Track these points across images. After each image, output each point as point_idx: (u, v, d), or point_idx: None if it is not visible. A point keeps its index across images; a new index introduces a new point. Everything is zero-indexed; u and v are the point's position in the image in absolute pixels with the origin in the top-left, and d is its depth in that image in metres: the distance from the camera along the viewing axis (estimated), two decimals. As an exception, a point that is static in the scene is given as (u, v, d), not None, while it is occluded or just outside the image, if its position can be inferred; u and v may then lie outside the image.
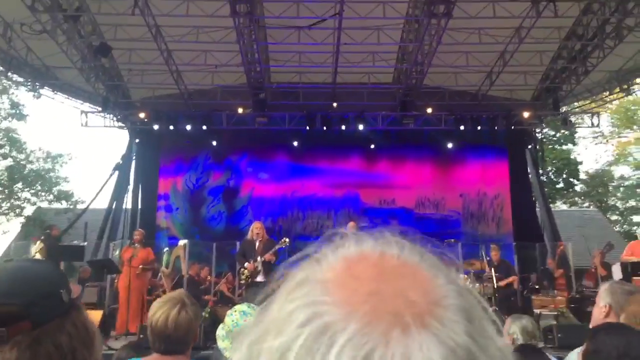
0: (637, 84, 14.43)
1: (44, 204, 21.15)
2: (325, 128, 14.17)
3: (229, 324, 2.60)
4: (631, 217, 28.08)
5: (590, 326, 2.66)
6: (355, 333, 0.37)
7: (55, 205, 21.07)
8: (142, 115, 14.05)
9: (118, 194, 15.16)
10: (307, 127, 14.19)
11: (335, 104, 13.93)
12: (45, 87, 13.51)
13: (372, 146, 15.12)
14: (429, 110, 14.08)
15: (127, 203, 15.30)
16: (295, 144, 14.98)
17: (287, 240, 8.44)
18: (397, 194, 15.62)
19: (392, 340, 0.36)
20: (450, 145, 15.03)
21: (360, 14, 11.00)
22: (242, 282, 8.38)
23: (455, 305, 0.40)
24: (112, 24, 11.48)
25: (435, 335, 0.37)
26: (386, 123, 14.64)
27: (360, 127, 14.22)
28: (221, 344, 2.56)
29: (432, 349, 0.36)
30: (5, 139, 19.85)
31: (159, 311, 2.12)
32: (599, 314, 2.65)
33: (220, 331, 2.59)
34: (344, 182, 15.56)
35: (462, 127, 14.23)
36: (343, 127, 14.27)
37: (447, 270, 0.45)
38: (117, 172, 15.11)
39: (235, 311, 2.67)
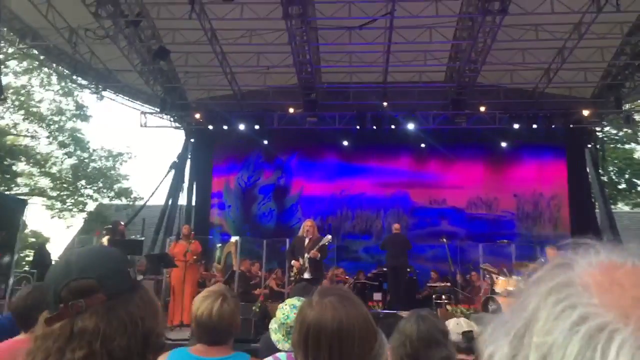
0: None
1: (105, 201, 22.19)
2: (375, 127, 14.15)
3: (280, 317, 2.69)
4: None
5: None
6: (632, 333, 0.41)
7: (116, 201, 22.08)
8: (197, 115, 14.51)
9: (174, 191, 15.72)
10: (358, 127, 14.22)
11: (385, 103, 13.87)
12: (107, 90, 14.21)
13: (423, 145, 14.96)
14: (482, 109, 13.78)
15: (182, 200, 15.86)
16: (345, 143, 15.05)
17: (330, 237, 8.48)
18: (447, 194, 15.40)
19: None
20: (504, 145, 14.67)
21: (412, 12, 10.92)
22: (292, 278, 8.50)
23: None
24: (170, 28, 11.91)
25: None
26: (437, 122, 14.46)
27: (411, 126, 14.11)
28: (274, 336, 2.65)
29: None
30: (71, 138, 20.95)
31: (203, 304, 2.25)
32: None
33: (273, 325, 2.69)
34: (394, 181, 15.49)
35: (516, 126, 13.85)
36: (393, 127, 14.20)
37: None
38: (173, 171, 15.71)
39: (286, 304, 2.75)
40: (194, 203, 15.83)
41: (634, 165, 25.35)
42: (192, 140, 15.98)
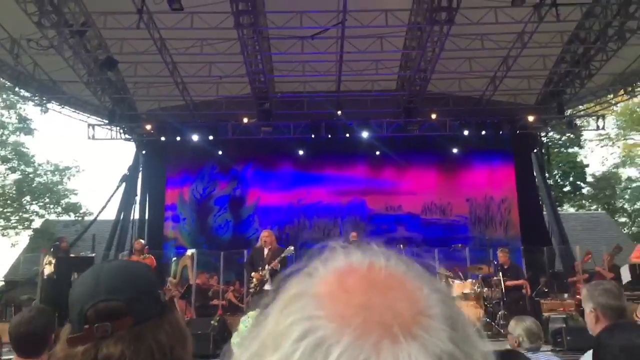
0: (642, 85, 14.39)
1: (52, 217, 21.30)
2: (330, 136, 14.26)
3: (243, 331, 2.63)
4: (639, 218, 27.92)
5: (590, 332, 2.68)
6: (348, 346, 0.39)
7: (64, 217, 21.21)
8: (148, 127, 14.18)
9: (125, 205, 15.27)
10: (312, 136, 14.28)
11: (339, 112, 13.99)
12: (52, 102, 13.70)
13: (377, 153, 15.16)
14: (434, 116, 14.11)
15: (135, 214, 15.41)
16: (301, 152, 15.06)
17: (292, 248, 8.45)
18: (403, 200, 15.63)
19: (383, 351, 0.39)
20: (455, 151, 15.05)
21: (363, 22, 11.08)
22: (251, 290, 8.40)
23: (440, 314, 0.43)
24: (118, 38, 11.62)
25: (422, 344, 0.40)
26: (391, 130, 14.69)
27: (365, 134, 14.28)
28: (237, 351, 2.60)
29: (420, 358, 0.39)
30: (14, 153, 20.04)
31: None
32: (590, 319, 2.69)
33: (235, 339, 2.63)
34: (350, 189, 15.61)
35: (466, 132, 14.26)
36: (348, 135, 14.35)
37: (432, 279, 0.48)
38: (124, 184, 15.28)
39: (249, 317, 2.70)
40: (147, 216, 15.41)
41: (577, 169, 26.58)
42: (144, 152, 15.60)
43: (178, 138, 14.32)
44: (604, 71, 12.97)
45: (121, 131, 15.18)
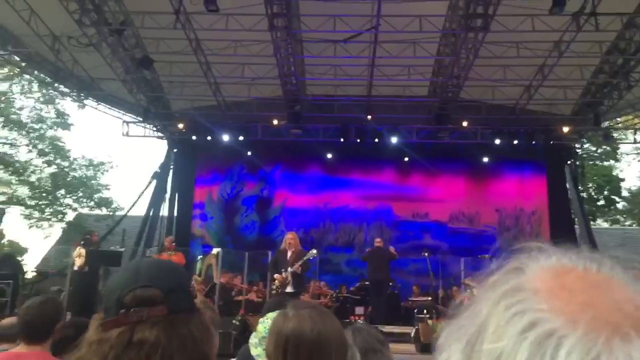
0: (683, 99, 13.91)
1: (85, 210, 21.84)
2: (359, 140, 14.22)
3: (262, 331, 2.63)
4: (677, 237, 26.92)
5: None
6: (580, 339, 0.41)
7: (96, 211, 21.73)
8: (180, 125, 14.42)
9: (155, 202, 15.55)
10: (342, 139, 14.27)
11: (369, 117, 13.96)
12: (89, 98, 14.05)
13: (406, 159, 15.04)
14: (465, 124, 13.93)
15: (164, 211, 15.68)
16: (329, 155, 15.06)
17: (315, 252, 8.44)
18: (430, 208, 15.47)
19: (615, 347, 0.41)
20: (486, 160, 14.82)
21: (397, 27, 11.03)
22: (273, 292, 8.42)
23: None
24: (155, 37, 11.86)
25: None
26: (421, 136, 14.57)
27: (394, 140, 14.19)
28: (254, 351, 2.58)
29: None
30: (51, 146, 20.63)
31: None
32: None
33: (253, 339, 2.63)
34: (377, 194, 15.53)
35: (498, 141, 14.03)
36: (377, 140, 14.28)
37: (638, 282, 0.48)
38: (155, 181, 15.56)
39: (268, 319, 2.70)
40: (175, 214, 15.65)
41: (613, 182, 25.82)
42: (175, 150, 15.86)
43: (209, 137, 14.52)
44: (644, 83, 12.59)
45: (154, 129, 15.48)
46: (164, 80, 13.90)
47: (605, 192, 26.02)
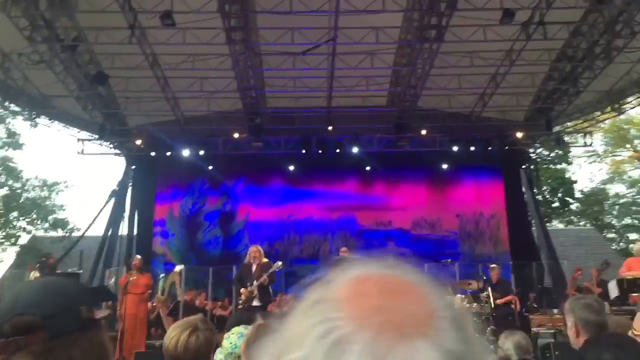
0: (628, 103, 14.62)
1: (40, 232, 21.06)
2: (320, 151, 14.29)
3: (227, 347, 2.60)
4: (627, 234, 28.15)
5: (573, 346, 2.72)
6: (366, 343, 0.44)
7: (51, 233, 20.98)
8: (138, 142, 14.14)
9: (114, 220, 15.13)
10: (303, 151, 14.30)
11: (330, 128, 14.06)
12: (42, 116, 13.60)
13: (368, 168, 15.21)
14: (423, 132, 14.21)
15: (123, 230, 15.27)
16: (291, 167, 15.07)
17: (281, 263, 8.40)
18: (393, 216, 15.66)
19: (397, 348, 0.43)
20: (445, 166, 15.14)
21: (354, 39, 11.19)
22: (240, 306, 8.32)
23: (447, 316, 0.48)
24: (109, 53, 11.63)
25: (432, 342, 0.44)
26: (381, 145, 14.76)
27: (356, 149, 14.33)
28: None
29: (430, 354, 0.44)
30: (2, 167, 19.86)
31: (172, 334, 2.16)
32: (571, 333, 2.73)
33: (218, 355, 2.59)
34: (340, 204, 15.61)
35: (455, 148, 14.37)
36: (338, 150, 14.39)
37: (439, 287, 0.52)
38: (113, 199, 15.15)
39: (233, 333, 2.67)
40: (135, 232, 15.27)
41: (566, 185, 26.83)
42: (133, 167, 15.52)
43: (168, 153, 14.29)
44: (591, 88, 13.17)
45: (111, 146, 15.11)
46: (120, 96, 13.62)
47: (560, 194, 27.01)
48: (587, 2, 10.56)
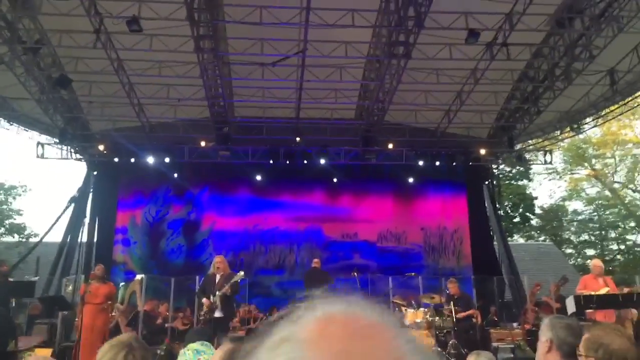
0: (586, 123, 15.17)
1: (-5, 238, 20.30)
2: (288, 162, 14.28)
3: None
4: (585, 250, 29.06)
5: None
6: None
7: (7, 238, 20.24)
8: (101, 147, 13.83)
9: (73, 227, 14.70)
10: (271, 161, 14.26)
11: (298, 139, 14.07)
12: (0, 119, 13.15)
13: (335, 180, 15.25)
14: (390, 146, 14.38)
15: (83, 237, 14.83)
16: (259, 177, 14.98)
17: (243, 273, 8.31)
18: (359, 228, 15.73)
19: None
20: (411, 180, 15.34)
21: (323, 52, 11.27)
22: (201, 318, 8.20)
23: None
24: (73, 56, 11.38)
25: None
26: (349, 158, 14.86)
27: (323, 161, 14.38)
28: None
29: None
30: (-44, 170, 19.11)
31: (107, 355, 2.08)
32: (542, 349, 2.73)
33: None
34: (307, 215, 15.59)
35: (421, 163, 14.61)
36: (306, 162, 14.41)
37: (405, 329, 0.52)
38: (73, 205, 14.71)
39: (189, 350, 2.61)
40: (95, 239, 14.86)
41: (527, 201, 27.53)
42: (95, 172, 15.14)
43: (132, 160, 14.03)
44: (551, 108, 13.61)
45: (72, 151, 14.72)
46: (83, 100, 13.31)
47: (520, 210, 27.69)
48: (548, 26, 10.95)
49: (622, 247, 28.47)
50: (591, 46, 10.94)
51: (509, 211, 27.01)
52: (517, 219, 27.76)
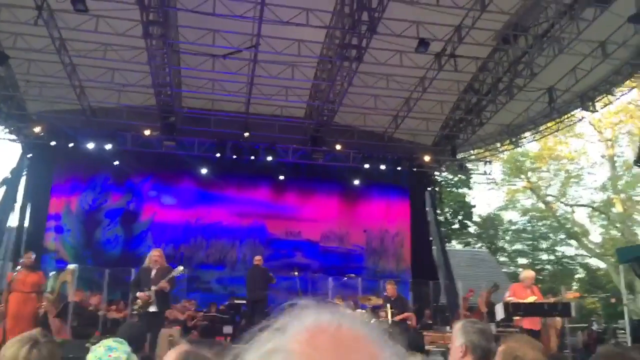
0: (525, 137, 15.86)
1: None
2: (235, 157, 14.10)
3: None
4: (517, 259, 30.41)
5: None
6: None
7: None
8: (37, 129, 13.17)
9: (3, 210, 13.91)
10: (217, 155, 14.04)
11: (247, 134, 13.94)
12: None
13: (281, 177, 15.20)
14: (338, 147, 14.51)
15: (13, 221, 14.09)
16: (204, 171, 14.70)
17: (182, 268, 8.16)
18: (303, 227, 15.76)
19: None
20: (356, 182, 15.52)
21: (276, 49, 11.22)
22: (135, 312, 7.98)
23: None
24: (12, 32, 10.77)
25: None
26: (296, 156, 14.86)
27: (270, 158, 14.31)
28: None
29: None
30: None
31: (10, 350, 1.99)
32: (456, 353, 2.78)
33: None
34: (251, 211, 15.46)
35: (367, 166, 14.81)
36: (253, 157, 14.28)
37: (390, 342, 0.53)
38: (4, 187, 13.95)
39: (100, 346, 2.52)
40: (26, 225, 14.14)
41: (466, 208, 28.50)
42: (30, 155, 14.38)
43: (71, 144, 13.43)
44: (493, 121, 14.15)
45: (6, 131, 13.95)
46: (21, 79, 12.62)
47: (460, 217, 28.63)
48: (494, 41, 11.37)
49: (552, 257, 30.02)
50: (533, 64, 11.46)
51: (449, 217, 27.86)
52: (456, 225, 28.68)
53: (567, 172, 28.85)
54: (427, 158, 15.10)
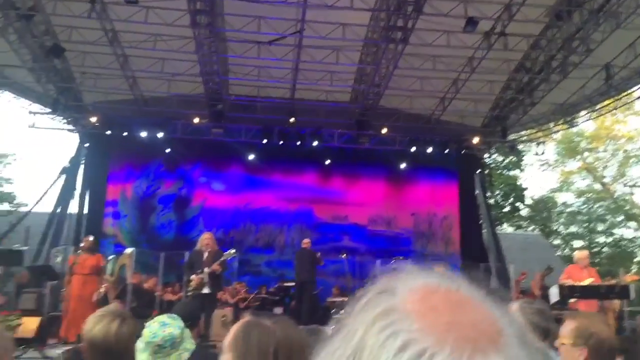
0: (580, 117, 15.22)
1: (-16, 205, 20.23)
2: (281, 142, 14.24)
3: (147, 335, 2.50)
4: (572, 242, 29.39)
5: None
6: (448, 356, 0.45)
7: (-4, 207, 20.18)
8: (93, 119, 13.73)
9: (64, 198, 14.68)
10: (264, 141, 14.22)
11: (292, 119, 14.03)
12: (-8, 85, 13.02)
13: (328, 162, 15.25)
14: (384, 131, 14.38)
15: (73, 208, 14.84)
16: (251, 157, 14.94)
17: (234, 251, 8.38)
18: (350, 211, 15.79)
19: None
20: (402, 166, 15.37)
21: (321, 33, 11.19)
22: (189, 293, 8.29)
23: (514, 333, 0.50)
24: (67, 25, 11.22)
25: (506, 357, 0.47)
26: (342, 141, 14.85)
27: (316, 143, 14.36)
28: (140, 356, 2.42)
29: None
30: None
31: (98, 325, 2.08)
32: None
33: (139, 343, 2.49)
34: (298, 196, 15.62)
35: (414, 149, 14.62)
36: (299, 143, 14.37)
37: (498, 303, 0.54)
38: (64, 176, 14.69)
39: (155, 322, 2.58)
40: (85, 211, 14.85)
41: (517, 190, 27.70)
42: (87, 144, 15.04)
43: (125, 133, 13.94)
44: (546, 100, 13.63)
45: (64, 121, 14.62)
46: (77, 70, 13.15)
47: (511, 200, 27.88)
48: (547, 17, 10.91)
49: (609, 240, 28.84)
50: (588, 40, 10.93)
51: (499, 200, 27.20)
52: (507, 209, 27.97)
53: (626, 152, 27.51)
54: (476, 140, 14.76)
